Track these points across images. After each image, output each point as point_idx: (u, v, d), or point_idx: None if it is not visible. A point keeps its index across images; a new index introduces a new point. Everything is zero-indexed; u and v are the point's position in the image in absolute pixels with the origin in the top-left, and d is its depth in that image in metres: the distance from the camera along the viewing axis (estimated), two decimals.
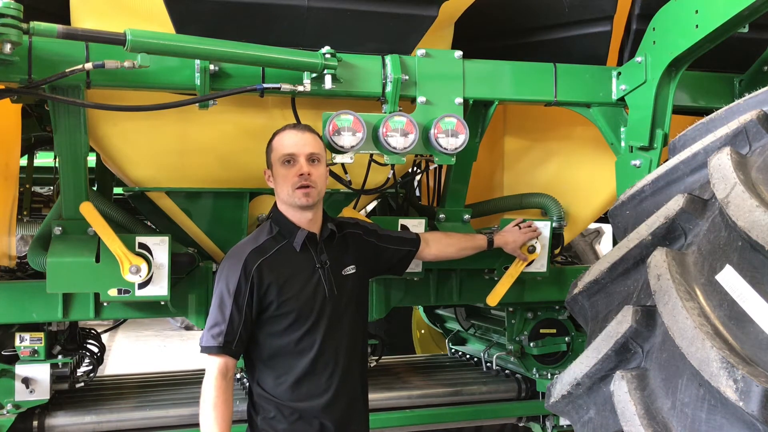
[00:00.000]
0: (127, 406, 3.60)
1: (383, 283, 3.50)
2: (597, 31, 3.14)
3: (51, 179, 4.52)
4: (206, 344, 2.51)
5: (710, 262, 1.82)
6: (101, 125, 2.90)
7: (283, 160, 2.56)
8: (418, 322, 5.93)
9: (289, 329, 2.56)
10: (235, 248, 2.65)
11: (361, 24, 2.75)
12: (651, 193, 2.22)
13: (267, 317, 2.55)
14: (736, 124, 2.00)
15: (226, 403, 2.48)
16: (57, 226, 2.96)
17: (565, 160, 3.64)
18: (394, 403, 3.90)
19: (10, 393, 3.24)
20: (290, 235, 2.60)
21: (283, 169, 2.56)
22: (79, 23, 2.76)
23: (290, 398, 2.56)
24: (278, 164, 2.57)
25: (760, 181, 1.79)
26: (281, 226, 2.62)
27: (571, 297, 2.33)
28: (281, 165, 2.56)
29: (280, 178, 2.58)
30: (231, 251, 2.64)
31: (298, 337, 2.56)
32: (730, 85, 3.27)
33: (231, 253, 2.63)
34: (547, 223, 3.38)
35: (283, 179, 2.57)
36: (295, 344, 2.57)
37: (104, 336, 4.14)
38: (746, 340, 1.62)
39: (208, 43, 2.52)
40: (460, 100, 2.91)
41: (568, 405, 2.14)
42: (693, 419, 1.67)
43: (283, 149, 2.57)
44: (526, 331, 3.99)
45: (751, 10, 2.41)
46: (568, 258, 4.94)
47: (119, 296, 2.95)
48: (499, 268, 3.35)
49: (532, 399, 4.09)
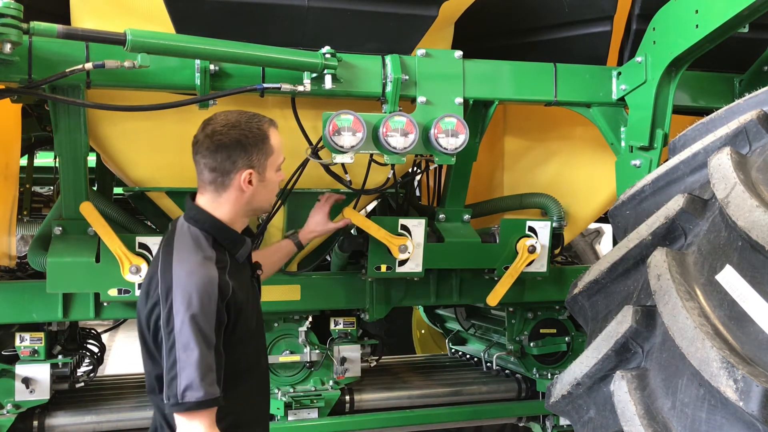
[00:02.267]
0: (127, 406, 3.60)
1: (383, 283, 3.50)
2: (597, 31, 3.14)
3: (51, 179, 4.53)
4: (206, 397, 2.00)
5: (710, 262, 1.82)
6: (101, 125, 2.90)
7: (279, 167, 2.31)
8: (418, 322, 5.93)
9: (241, 346, 2.23)
10: (188, 263, 2.10)
11: (361, 24, 2.75)
12: (651, 193, 2.22)
13: (226, 338, 2.15)
14: (736, 124, 2.00)
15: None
16: (57, 226, 2.96)
17: (565, 160, 3.65)
18: (394, 403, 3.90)
19: (10, 393, 3.24)
20: (233, 246, 2.25)
21: (276, 176, 2.30)
22: (79, 23, 2.76)
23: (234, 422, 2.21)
24: (274, 170, 2.28)
25: (760, 181, 1.79)
26: (225, 238, 2.23)
27: (571, 297, 2.33)
28: (276, 171, 2.30)
29: (272, 185, 2.30)
30: (183, 267, 2.09)
31: (247, 352, 2.28)
32: (730, 85, 3.27)
33: (187, 269, 2.08)
34: (547, 223, 3.39)
35: (274, 187, 2.32)
36: (245, 361, 2.27)
37: (104, 336, 4.14)
38: (746, 340, 1.62)
39: (208, 43, 2.52)
40: (460, 100, 2.91)
41: (568, 405, 2.14)
42: (693, 419, 1.67)
43: (281, 154, 2.30)
44: (526, 331, 3.98)
45: (751, 10, 2.41)
46: (568, 258, 4.93)
47: (119, 296, 2.95)
48: (499, 268, 3.35)
49: (532, 399, 4.10)
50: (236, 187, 2.20)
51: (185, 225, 2.23)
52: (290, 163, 3.05)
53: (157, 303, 2.09)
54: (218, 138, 2.17)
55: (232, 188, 2.21)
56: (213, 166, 2.19)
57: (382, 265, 3.18)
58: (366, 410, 3.80)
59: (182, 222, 2.26)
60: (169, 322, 2.04)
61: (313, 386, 3.59)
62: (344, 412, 3.71)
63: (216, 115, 2.26)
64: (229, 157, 2.17)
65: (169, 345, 2.03)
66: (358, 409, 3.78)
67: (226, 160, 2.17)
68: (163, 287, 2.08)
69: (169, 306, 2.05)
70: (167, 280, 2.08)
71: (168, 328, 2.04)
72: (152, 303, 2.11)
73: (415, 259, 3.19)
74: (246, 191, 2.21)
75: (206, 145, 2.19)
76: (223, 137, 2.17)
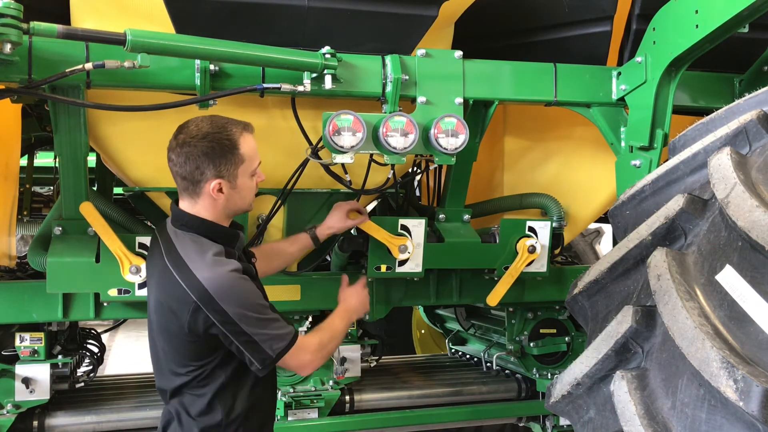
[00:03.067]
0: (127, 406, 3.60)
1: (383, 283, 3.50)
2: (597, 31, 3.14)
3: (51, 179, 4.52)
4: (288, 339, 2.26)
5: (710, 262, 1.82)
6: (101, 125, 2.90)
7: (254, 172, 2.36)
8: (418, 322, 5.93)
9: None
10: (205, 263, 2.23)
11: (361, 24, 2.75)
12: (651, 193, 2.22)
13: None
14: (736, 124, 2.00)
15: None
16: (57, 226, 2.96)
17: (565, 160, 3.64)
18: (394, 403, 3.90)
19: (10, 393, 3.24)
20: (229, 241, 2.35)
21: (250, 181, 2.35)
22: (79, 23, 2.75)
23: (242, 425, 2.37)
24: (247, 176, 2.33)
25: (760, 181, 1.79)
26: (219, 236, 2.33)
27: (571, 297, 2.33)
28: (250, 177, 2.34)
29: (247, 191, 2.35)
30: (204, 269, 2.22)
31: None
32: (730, 85, 3.27)
33: (209, 269, 2.22)
34: (547, 223, 3.39)
35: (249, 191, 2.37)
36: None
37: (104, 336, 4.14)
38: (746, 340, 1.62)
39: (208, 43, 2.52)
40: (460, 100, 2.91)
41: (568, 405, 2.14)
42: (693, 419, 1.67)
43: (254, 159, 2.34)
44: (526, 331, 3.99)
45: (751, 10, 2.41)
46: (568, 258, 4.93)
47: (119, 296, 2.95)
48: (499, 268, 3.35)
49: (532, 399, 4.10)
50: (207, 194, 2.28)
51: (178, 232, 2.33)
52: (290, 163, 3.05)
53: (198, 309, 2.19)
54: (187, 149, 2.25)
55: (205, 195, 2.29)
56: (183, 175, 2.28)
57: (382, 265, 3.18)
58: (366, 410, 3.80)
59: (173, 230, 2.35)
60: (223, 315, 2.18)
61: (313, 386, 3.59)
62: (344, 412, 3.72)
63: (189, 122, 2.32)
64: (197, 168, 2.24)
65: (236, 330, 2.20)
66: (358, 409, 3.78)
67: (195, 170, 2.25)
68: (197, 294, 2.19)
69: (215, 304, 2.18)
70: (198, 287, 2.19)
71: (224, 319, 2.18)
72: (191, 311, 2.20)
73: (415, 259, 3.19)
74: (218, 199, 2.29)
75: (177, 153, 2.27)
76: (192, 149, 2.24)
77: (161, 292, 2.32)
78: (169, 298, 2.27)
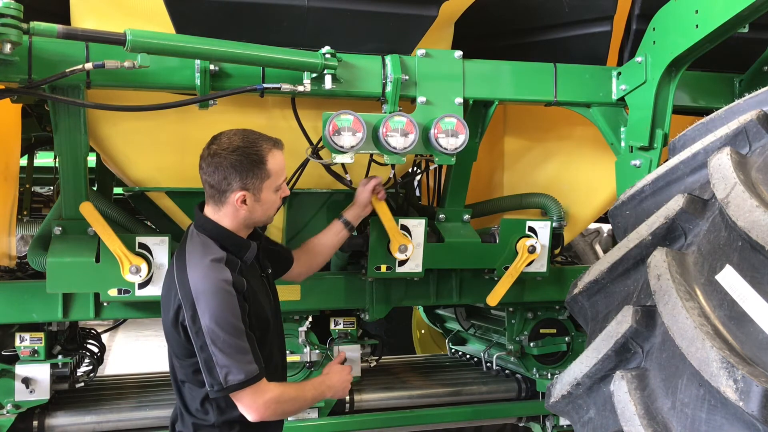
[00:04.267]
0: (127, 406, 3.60)
1: (383, 283, 3.50)
2: (597, 31, 3.14)
3: (51, 179, 4.53)
4: (247, 376, 2.24)
5: (710, 262, 1.82)
6: (101, 125, 2.90)
7: (278, 187, 2.43)
8: (418, 322, 5.93)
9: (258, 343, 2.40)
10: (201, 266, 2.30)
11: (361, 24, 2.75)
12: (651, 193, 2.22)
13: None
14: (736, 124, 2.00)
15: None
16: (57, 226, 2.96)
17: (565, 160, 3.65)
18: (394, 403, 3.90)
19: (10, 393, 3.24)
20: (238, 250, 2.41)
21: (274, 196, 2.43)
22: (79, 23, 2.76)
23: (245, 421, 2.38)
24: (272, 191, 2.41)
25: (760, 181, 1.79)
26: (231, 244, 2.40)
27: (571, 297, 2.33)
28: (275, 191, 2.42)
29: (270, 204, 2.43)
30: (197, 271, 2.30)
31: (263, 348, 2.42)
32: (730, 85, 3.27)
33: (201, 272, 2.29)
34: (547, 223, 3.39)
35: (273, 205, 2.44)
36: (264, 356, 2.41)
37: (104, 336, 4.14)
38: (746, 340, 1.62)
39: (208, 43, 2.52)
40: (460, 100, 2.91)
41: (568, 405, 2.14)
42: (693, 419, 1.67)
43: (281, 175, 2.42)
44: (526, 331, 3.98)
45: (751, 10, 2.41)
46: (568, 258, 4.93)
47: (119, 296, 2.95)
48: (499, 268, 3.35)
49: (532, 399, 4.10)
50: (232, 204, 2.38)
51: (195, 233, 2.44)
52: (290, 163, 3.05)
53: (180, 307, 2.29)
54: (217, 160, 2.35)
55: (229, 204, 2.38)
56: (211, 183, 2.38)
57: (382, 266, 3.18)
58: (366, 410, 3.80)
59: (192, 230, 2.46)
60: (195, 322, 2.25)
61: None
62: (344, 412, 3.72)
63: (222, 134, 2.41)
64: (225, 179, 2.34)
65: (200, 343, 2.25)
66: (358, 409, 3.78)
67: (222, 181, 2.35)
68: (182, 292, 2.29)
69: (192, 308, 2.25)
70: (185, 286, 2.29)
71: (195, 327, 2.25)
72: (175, 307, 2.31)
73: (415, 259, 3.19)
74: (241, 209, 2.38)
75: (207, 162, 2.37)
76: (222, 160, 2.34)
77: (163, 284, 2.46)
78: (165, 291, 2.42)
